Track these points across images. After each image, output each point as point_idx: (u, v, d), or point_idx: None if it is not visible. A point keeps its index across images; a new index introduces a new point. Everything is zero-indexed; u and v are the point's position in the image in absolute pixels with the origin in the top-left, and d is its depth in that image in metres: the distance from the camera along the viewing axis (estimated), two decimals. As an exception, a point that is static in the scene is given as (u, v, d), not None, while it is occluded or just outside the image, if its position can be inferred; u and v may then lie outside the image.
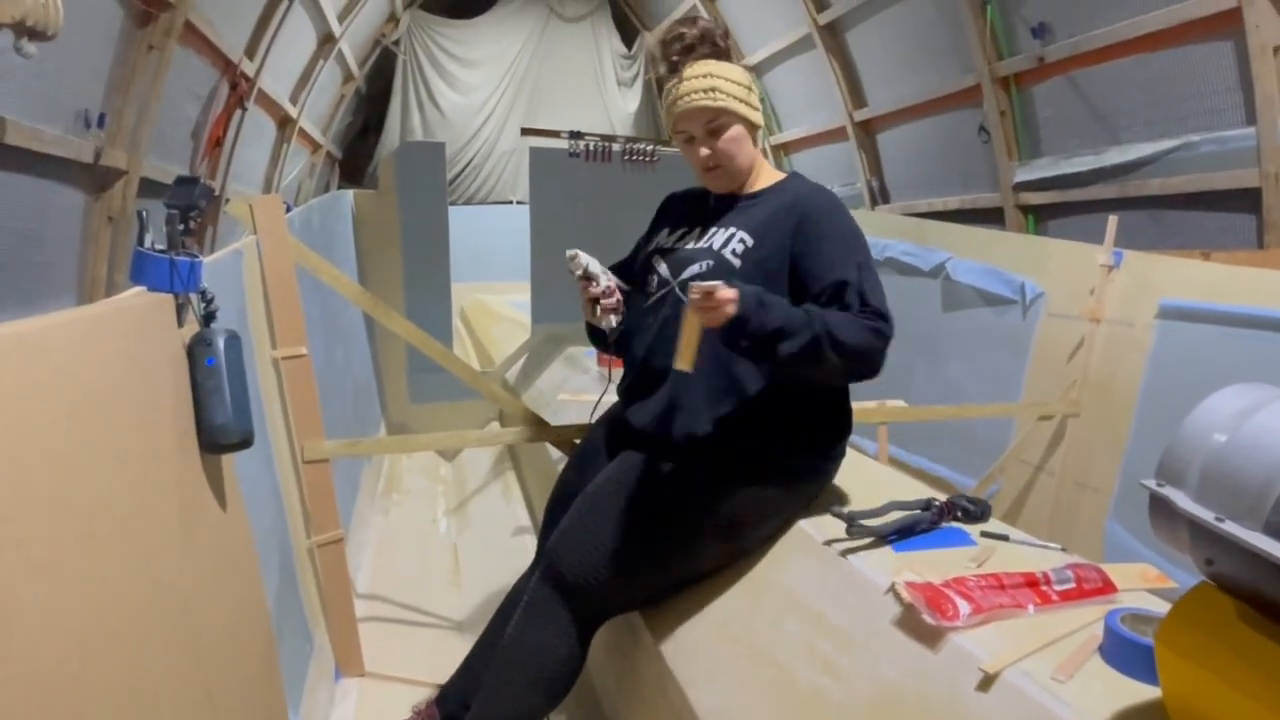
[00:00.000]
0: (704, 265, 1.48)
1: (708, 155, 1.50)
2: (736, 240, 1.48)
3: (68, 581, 0.71)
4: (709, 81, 1.46)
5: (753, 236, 1.48)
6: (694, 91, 1.46)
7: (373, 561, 2.73)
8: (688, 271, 1.50)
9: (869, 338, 1.34)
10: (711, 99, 1.46)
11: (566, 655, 1.45)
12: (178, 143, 4.18)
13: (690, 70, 1.47)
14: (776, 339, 1.29)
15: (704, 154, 1.50)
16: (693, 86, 1.46)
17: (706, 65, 1.48)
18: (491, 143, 9.05)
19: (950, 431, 3.22)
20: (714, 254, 1.49)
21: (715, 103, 1.46)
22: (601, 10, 9.52)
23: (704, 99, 1.46)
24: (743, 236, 1.48)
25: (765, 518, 1.51)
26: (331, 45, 6.52)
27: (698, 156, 1.51)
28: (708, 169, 1.52)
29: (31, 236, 2.90)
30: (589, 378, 3.18)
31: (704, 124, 1.48)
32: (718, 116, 1.48)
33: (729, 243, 1.49)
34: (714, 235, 1.52)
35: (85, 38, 2.98)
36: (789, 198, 1.51)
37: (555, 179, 3.90)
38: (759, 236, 1.47)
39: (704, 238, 1.54)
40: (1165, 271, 2.62)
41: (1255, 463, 0.75)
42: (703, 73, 1.47)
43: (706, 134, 1.49)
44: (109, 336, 0.92)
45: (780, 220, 1.47)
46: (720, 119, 1.48)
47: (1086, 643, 1.05)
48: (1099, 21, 3.69)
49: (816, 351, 1.29)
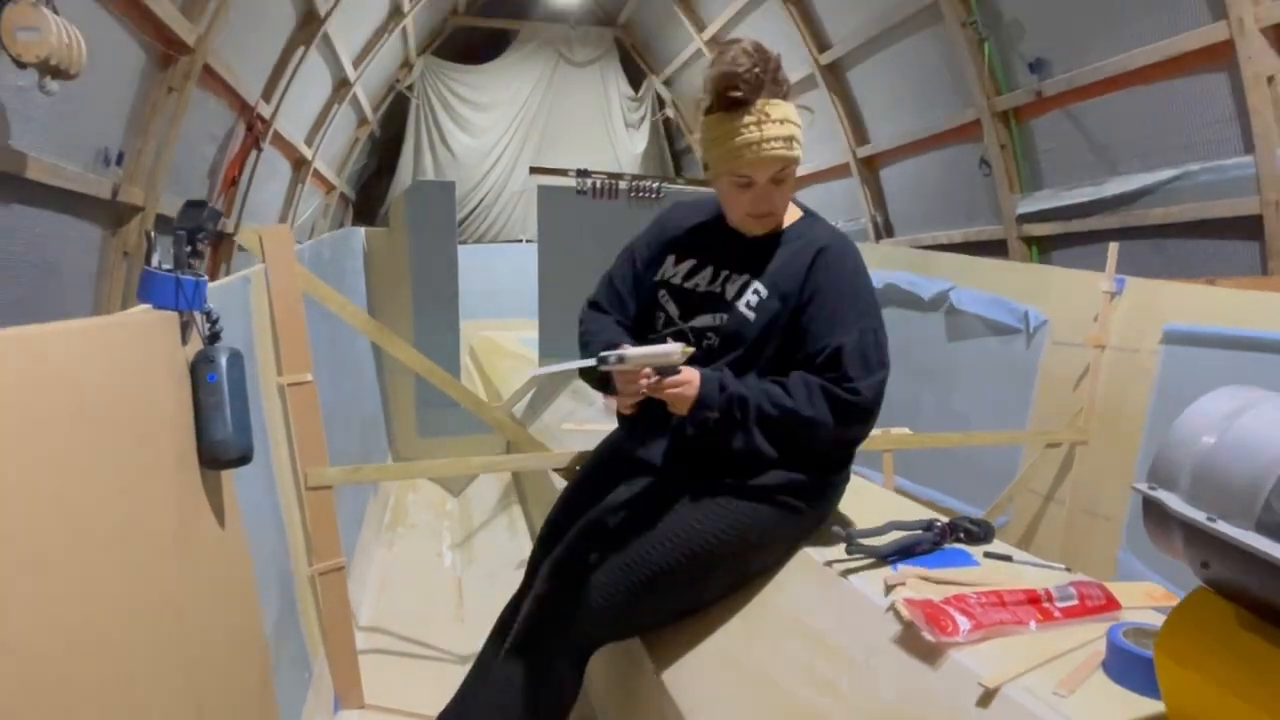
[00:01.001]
0: (717, 318, 1.46)
1: (770, 205, 1.42)
2: (751, 292, 1.45)
3: (60, 582, 0.72)
4: (788, 130, 1.35)
5: (768, 287, 1.44)
6: (775, 139, 1.34)
7: (376, 594, 2.71)
8: (698, 320, 1.48)
9: (826, 409, 1.35)
10: (790, 149, 1.36)
11: (562, 683, 1.42)
12: (194, 181, 4.29)
13: (770, 113, 1.34)
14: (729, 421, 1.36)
15: (765, 205, 1.42)
16: (774, 134, 1.34)
17: (782, 108, 1.36)
18: (501, 183, 9.22)
19: (957, 462, 3.19)
20: (728, 306, 1.46)
21: (793, 153, 1.37)
22: (610, 55, 9.76)
23: (784, 149, 1.35)
24: (757, 287, 1.45)
25: (768, 546, 1.48)
26: (347, 90, 6.70)
27: (756, 204, 1.42)
28: (760, 216, 1.44)
29: (49, 269, 2.97)
30: (594, 410, 3.18)
31: (773, 173, 1.39)
32: (788, 166, 1.39)
33: (743, 294, 1.45)
34: (727, 281, 1.48)
35: (107, 79, 3.09)
36: (805, 243, 1.46)
37: (563, 216, 3.96)
38: (774, 287, 1.44)
39: (716, 280, 1.50)
40: (1169, 297, 2.62)
41: (1244, 462, 0.75)
42: (780, 118, 1.35)
43: (771, 182, 1.40)
44: (112, 348, 0.95)
45: (795, 268, 1.44)
46: (789, 168, 1.40)
47: (1090, 658, 1.04)
48: (1094, 56, 3.75)
49: (752, 424, 1.36)
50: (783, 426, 1.36)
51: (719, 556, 1.43)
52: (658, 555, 1.41)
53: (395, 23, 7.10)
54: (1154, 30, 3.44)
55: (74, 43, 2.31)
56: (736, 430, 1.36)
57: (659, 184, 4.12)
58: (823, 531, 1.51)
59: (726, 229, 1.52)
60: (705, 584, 1.46)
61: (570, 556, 1.47)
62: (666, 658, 1.48)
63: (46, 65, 2.23)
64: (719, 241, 1.52)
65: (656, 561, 1.41)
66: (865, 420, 1.39)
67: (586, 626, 1.42)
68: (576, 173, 4.14)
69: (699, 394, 1.35)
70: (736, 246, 1.50)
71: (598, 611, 1.41)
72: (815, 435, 1.37)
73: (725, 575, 1.47)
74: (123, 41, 3.17)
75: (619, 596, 1.41)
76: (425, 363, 2.21)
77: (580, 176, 4.07)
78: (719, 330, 1.46)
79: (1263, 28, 2.98)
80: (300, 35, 5.13)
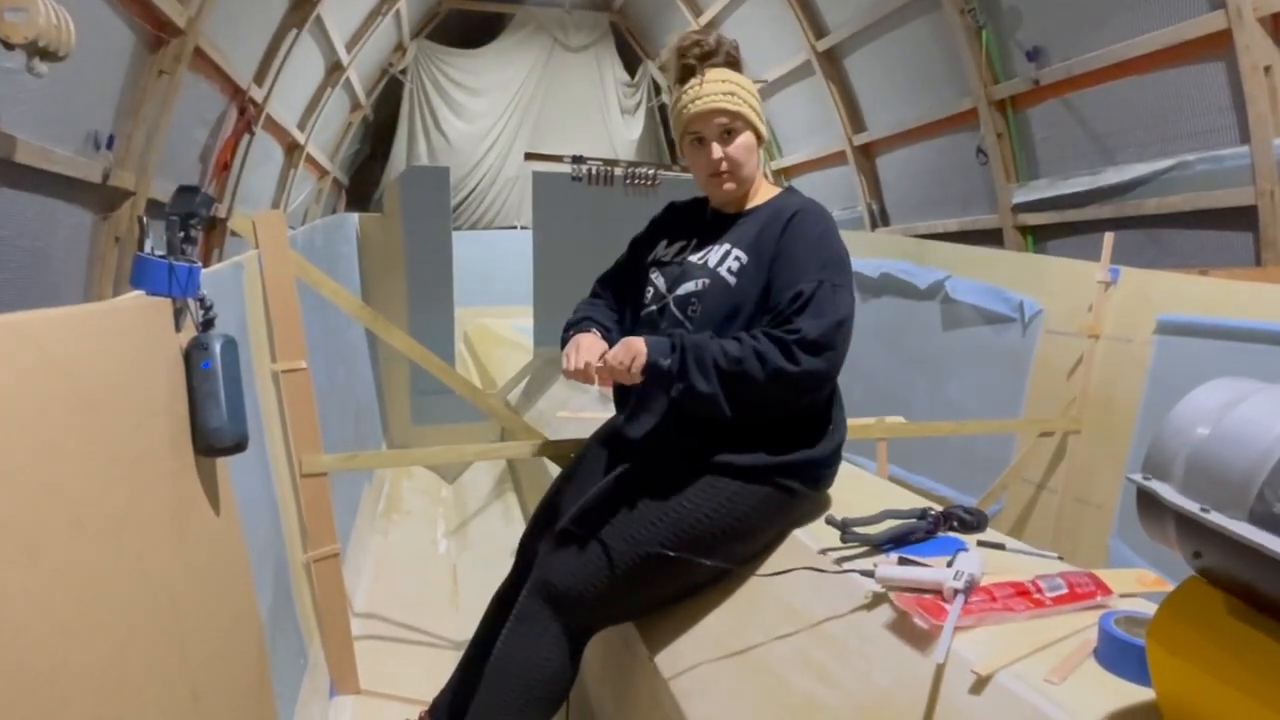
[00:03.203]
0: (700, 283, 1.50)
1: (719, 159, 1.49)
2: (732, 258, 1.49)
3: (53, 570, 0.72)
4: (729, 86, 1.48)
5: (748, 253, 1.49)
6: (714, 93, 1.47)
7: (371, 581, 2.71)
8: (683, 288, 1.51)
9: (771, 346, 1.35)
10: (731, 101, 1.48)
11: (558, 668, 1.43)
12: (186, 165, 4.25)
13: (710, 75, 1.49)
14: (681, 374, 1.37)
15: (715, 156, 1.49)
16: (713, 89, 1.47)
17: (725, 73, 1.50)
18: (496, 169, 9.17)
19: (951, 450, 3.21)
20: (710, 271, 1.50)
21: (734, 105, 1.48)
22: (605, 40, 9.69)
23: (724, 100, 1.47)
24: (738, 254, 1.49)
25: (761, 529, 1.50)
26: (339, 74, 6.64)
27: (708, 159, 1.50)
28: (716, 173, 1.52)
29: (39, 254, 2.95)
30: (589, 397, 3.18)
31: (720, 126, 1.49)
32: (734, 120, 1.49)
33: (725, 260, 1.50)
34: (709, 251, 1.53)
35: (97, 61, 3.05)
36: (781, 208, 1.52)
37: (558, 203, 3.94)
38: (754, 252, 1.48)
39: (700, 252, 1.55)
40: (1163, 287, 2.63)
41: (1238, 453, 0.75)
42: (722, 78, 1.49)
43: (720, 135, 1.49)
44: (105, 335, 0.94)
45: (771, 231, 1.49)
46: (736, 123, 1.49)
47: (1081, 646, 1.04)
48: (1092, 44, 3.75)
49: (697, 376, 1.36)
50: (738, 365, 1.35)
51: (711, 536, 1.44)
52: (650, 536, 1.42)
53: (389, 5, 7.03)
54: (1152, 19, 3.43)
55: (62, 24, 2.28)
56: (696, 374, 1.36)
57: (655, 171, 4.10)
58: (817, 519, 1.52)
59: (710, 209, 1.62)
60: (698, 564, 1.47)
61: (564, 541, 1.48)
62: (661, 643, 1.49)
63: (35, 47, 2.20)
64: (705, 221, 1.61)
65: (649, 542, 1.42)
66: (815, 357, 1.35)
67: (582, 611, 1.43)
68: (572, 159, 4.12)
69: (648, 349, 1.38)
70: (718, 222, 1.58)
71: (593, 595, 1.42)
72: (767, 374, 1.34)
73: (718, 556, 1.48)
74: (112, 23, 3.13)
75: (614, 580, 1.42)
76: (420, 349, 2.20)
77: (576, 163, 4.06)
78: (701, 295, 1.49)
79: (1260, 17, 2.98)
80: (292, 18, 5.07)
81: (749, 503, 1.45)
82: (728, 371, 1.35)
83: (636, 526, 1.44)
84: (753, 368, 1.34)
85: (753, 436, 1.46)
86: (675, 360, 1.37)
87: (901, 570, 1.22)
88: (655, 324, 1.54)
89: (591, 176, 4.00)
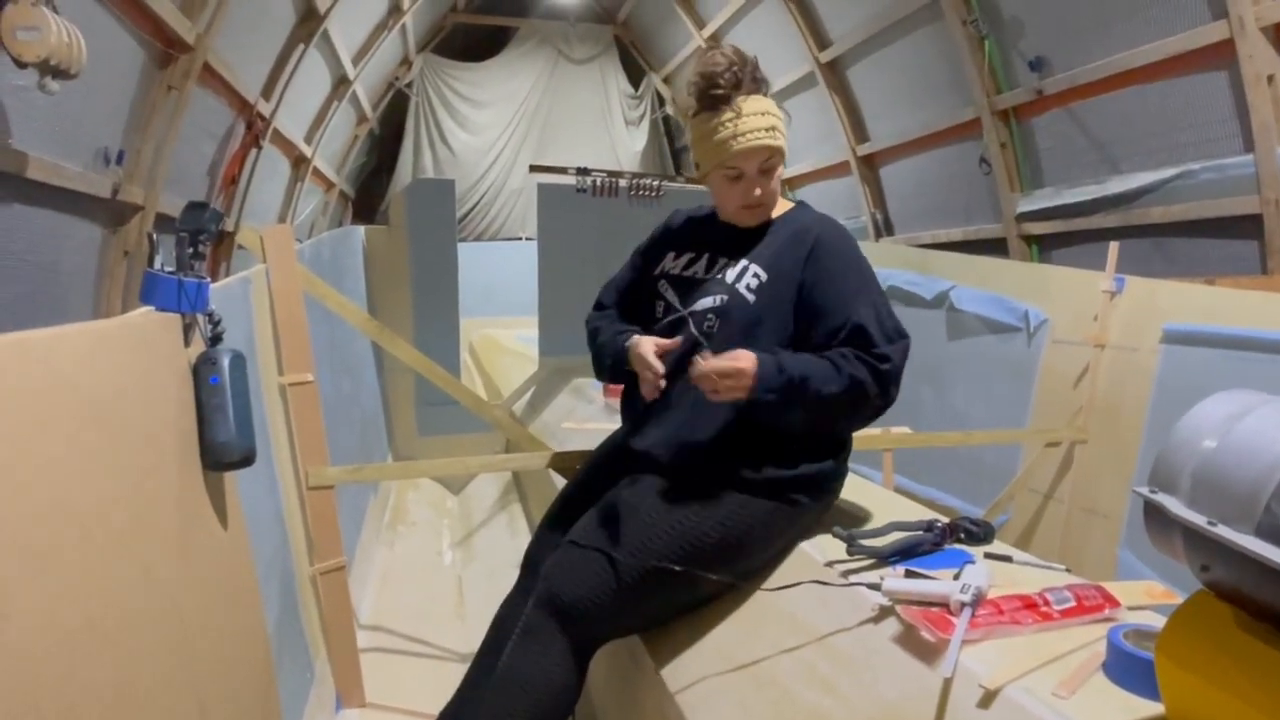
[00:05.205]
0: (718, 299, 1.49)
1: (760, 194, 1.48)
2: (750, 275, 1.49)
3: (62, 582, 0.72)
4: (769, 120, 1.45)
5: (766, 270, 1.48)
6: (757, 130, 1.43)
7: (377, 593, 2.71)
8: (700, 303, 1.51)
9: (868, 375, 1.38)
10: (773, 138, 1.45)
11: (564, 681, 1.43)
12: (194, 180, 4.29)
13: (747, 106, 1.44)
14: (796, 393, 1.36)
15: (757, 193, 1.48)
16: (756, 125, 1.43)
17: (761, 102, 1.46)
18: (501, 181, 9.21)
19: (957, 460, 3.20)
20: (728, 288, 1.50)
21: (776, 141, 1.46)
22: (609, 52, 9.74)
23: (767, 138, 1.44)
24: (756, 270, 1.49)
25: (768, 541, 1.49)
26: (346, 87, 6.69)
27: (746, 194, 1.49)
28: (752, 207, 1.51)
29: (49, 269, 2.97)
30: (595, 408, 3.19)
31: (760, 163, 1.46)
32: (773, 155, 1.47)
33: (743, 276, 1.49)
34: (726, 267, 1.53)
35: (107, 77, 3.09)
36: (799, 227, 1.52)
37: (563, 214, 3.96)
38: (772, 270, 1.48)
39: (715, 268, 1.54)
40: (1168, 296, 2.62)
41: (1244, 466, 0.75)
42: (761, 110, 1.45)
43: (759, 172, 1.47)
44: (115, 350, 0.95)
45: (791, 250, 1.49)
46: (775, 158, 1.48)
47: (1089, 660, 1.04)
48: (1095, 54, 3.75)
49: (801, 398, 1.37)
50: (840, 399, 1.37)
51: (718, 550, 1.44)
52: (656, 550, 1.42)
53: (395, 20, 7.09)
54: (1154, 29, 3.44)
55: (74, 42, 2.31)
56: (796, 409, 1.38)
57: (659, 182, 4.12)
58: (824, 532, 1.52)
59: (720, 223, 1.60)
60: (705, 578, 1.46)
61: (571, 554, 1.47)
62: (667, 656, 1.49)
63: (46, 65, 2.23)
64: (714, 234, 1.60)
65: (656, 554, 1.42)
66: (897, 385, 1.42)
67: (588, 624, 1.43)
68: (576, 171, 4.14)
69: (756, 376, 1.35)
70: (731, 236, 1.57)
71: (599, 609, 1.41)
72: (866, 404, 1.40)
73: (725, 569, 1.47)
74: (122, 40, 3.16)
75: (620, 593, 1.41)
76: (425, 361, 2.21)
77: (580, 175, 4.08)
78: (718, 311, 1.49)
79: (1263, 27, 2.98)
80: (300, 33, 5.12)
81: (756, 516, 1.45)
82: (819, 402, 1.37)
83: (643, 540, 1.43)
84: (842, 400, 1.37)
85: (761, 450, 1.46)
86: (777, 396, 1.36)
87: (908, 583, 1.22)
88: (666, 337, 1.54)
89: (596, 188, 4.02)
